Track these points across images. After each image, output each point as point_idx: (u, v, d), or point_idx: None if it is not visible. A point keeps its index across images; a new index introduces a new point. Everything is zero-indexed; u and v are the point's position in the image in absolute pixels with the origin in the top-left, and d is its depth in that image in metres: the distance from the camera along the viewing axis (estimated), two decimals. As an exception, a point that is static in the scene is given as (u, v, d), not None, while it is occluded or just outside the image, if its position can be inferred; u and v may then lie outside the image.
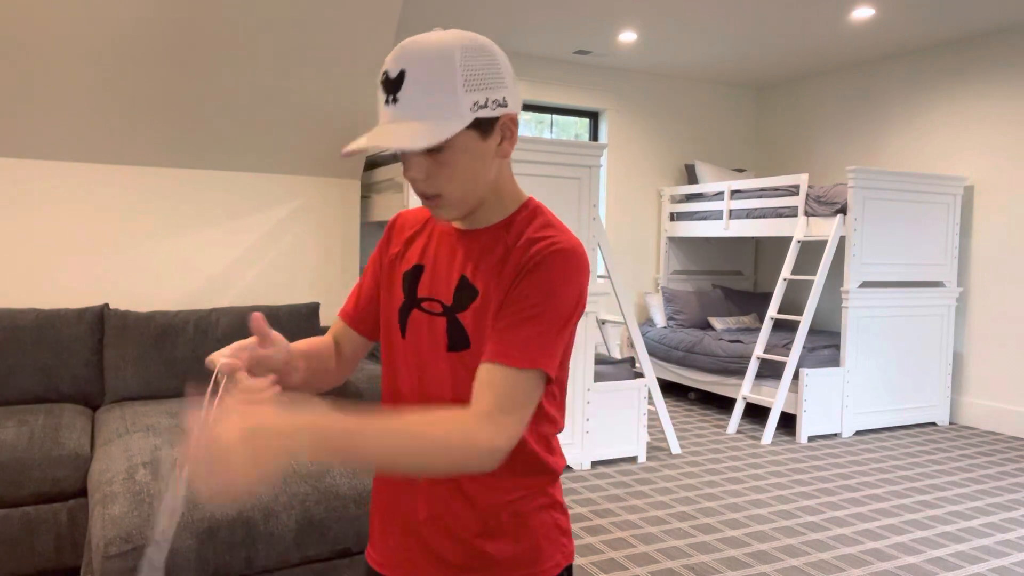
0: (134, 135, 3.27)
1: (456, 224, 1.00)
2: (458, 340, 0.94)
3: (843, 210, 4.54)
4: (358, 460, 0.77)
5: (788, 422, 4.82)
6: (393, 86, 0.86)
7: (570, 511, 3.19)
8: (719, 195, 5.57)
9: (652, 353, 5.67)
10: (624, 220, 6.05)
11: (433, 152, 0.88)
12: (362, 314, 1.08)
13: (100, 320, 3.08)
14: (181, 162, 3.44)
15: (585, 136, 6.06)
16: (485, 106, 0.88)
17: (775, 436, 4.54)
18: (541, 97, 5.63)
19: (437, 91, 0.85)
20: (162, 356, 3.08)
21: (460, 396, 0.94)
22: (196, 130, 3.35)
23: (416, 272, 1.00)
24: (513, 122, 0.92)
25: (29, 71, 2.94)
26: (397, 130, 0.85)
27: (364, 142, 0.86)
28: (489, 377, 0.86)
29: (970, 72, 4.96)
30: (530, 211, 0.98)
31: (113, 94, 3.11)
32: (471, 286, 0.94)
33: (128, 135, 3.26)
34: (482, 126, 0.89)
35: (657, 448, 4.21)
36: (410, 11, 4.57)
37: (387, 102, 0.87)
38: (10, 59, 2.89)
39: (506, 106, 0.90)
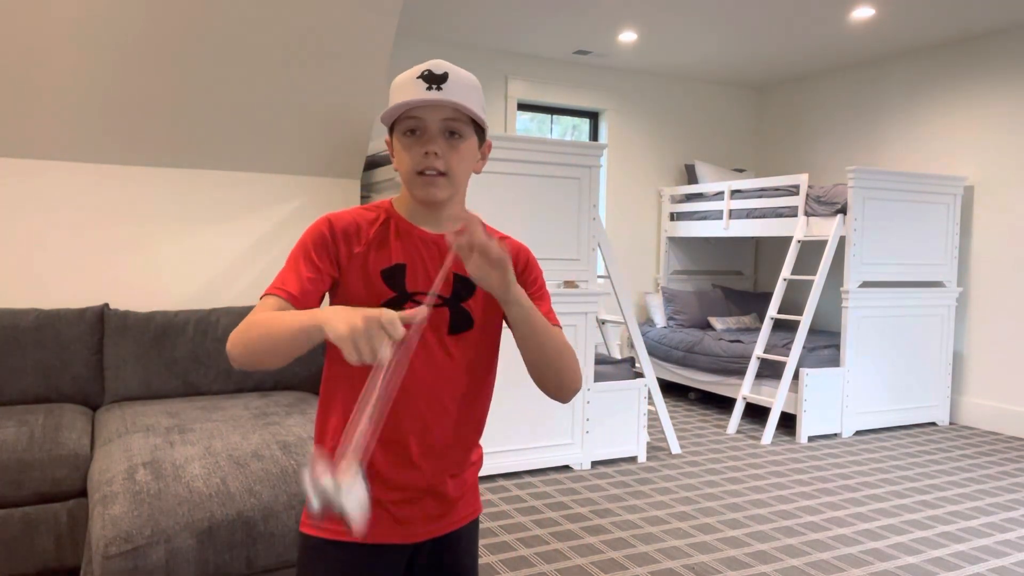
0: (134, 135, 3.27)
1: (424, 228, 1.15)
2: (461, 324, 1.14)
3: (843, 210, 4.54)
4: (535, 321, 1.08)
5: (788, 422, 4.82)
6: (438, 79, 1.08)
7: (570, 511, 3.19)
8: (719, 195, 5.57)
9: (652, 353, 5.66)
10: (624, 220, 6.05)
11: (453, 137, 1.10)
12: (308, 299, 1.10)
13: (100, 320, 3.08)
14: (181, 162, 3.44)
15: (584, 136, 6.06)
16: (486, 125, 1.16)
17: (775, 436, 4.54)
18: (541, 97, 5.63)
19: (472, 96, 1.10)
20: (162, 356, 3.08)
21: (455, 370, 1.14)
22: (196, 130, 3.35)
23: (399, 269, 1.13)
24: (489, 148, 1.19)
25: (29, 71, 2.94)
26: (452, 98, 1.07)
27: (417, 99, 1.06)
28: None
29: (970, 72, 4.96)
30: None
31: (113, 94, 3.11)
32: (468, 280, 1.13)
33: (128, 135, 3.26)
34: (479, 138, 1.15)
35: (657, 448, 4.21)
36: (410, 11, 4.57)
37: (430, 88, 1.07)
38: (10, 59, 2.89)
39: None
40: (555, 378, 1.13)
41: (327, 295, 1.16)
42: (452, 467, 1.18)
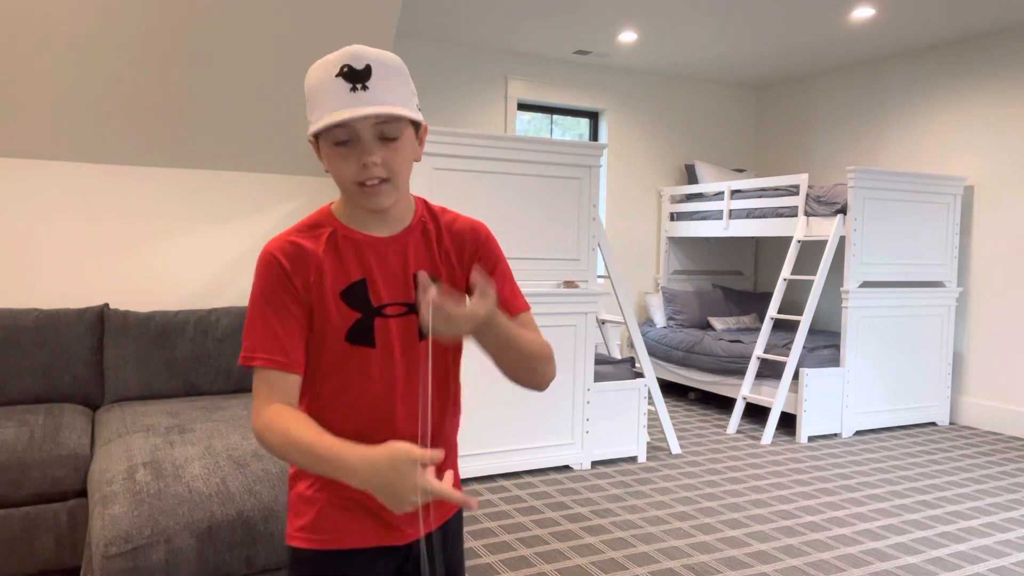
0: (134, 135, 3.27)
1: (372, 233, 1.10)
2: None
3: (843, 210, 4.54)
4: (514, 340, 1.06)
5: (788, 422, 4.82)
6: (361, 76, 1.00)
7: (570, 511, 3.19)
8: (719, 195, 5.57)
9: (652, 353, 5.67)
10: (624, 220, 6.05)
11: (388, 140, 1.03)
12: (297, 355, 1.06)
13: (100, 320, 3.08)
14: (181, 162, 3.44)
15: (585, 136, 6.06)
16: (420, 110, 1.09)
17: (775, 436, 4.54)
18: (541, 97, 5.63)
19: (399, 87, 1.03)
20: (162, 356, 3.08)
21: (437, 373, 1.13)
22: (196, 130, 3.35)
23: (358, 286, 1.08)
24: (426, 132, 1.12)
25: (28, 71, 2.94)
26: (378, 105, 1.00)
27: (346, 115, 0.98)
28: (528, 320, 1.17)
29: (970, 72, 4.96)
30: (423, 204, 1.16)
31: (113, 94, 3.11)
32: (430, 278, 1.11)
33: (128, 135, 3.26)
34: (415, 125, 1.08)
35: (657, 448, 4.21)
36: (410, 11, 4.57)
37: (355, 89, 1.00)
38: (10, 59, 2.89)
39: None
40: (531, 378, 1.12)
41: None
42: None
